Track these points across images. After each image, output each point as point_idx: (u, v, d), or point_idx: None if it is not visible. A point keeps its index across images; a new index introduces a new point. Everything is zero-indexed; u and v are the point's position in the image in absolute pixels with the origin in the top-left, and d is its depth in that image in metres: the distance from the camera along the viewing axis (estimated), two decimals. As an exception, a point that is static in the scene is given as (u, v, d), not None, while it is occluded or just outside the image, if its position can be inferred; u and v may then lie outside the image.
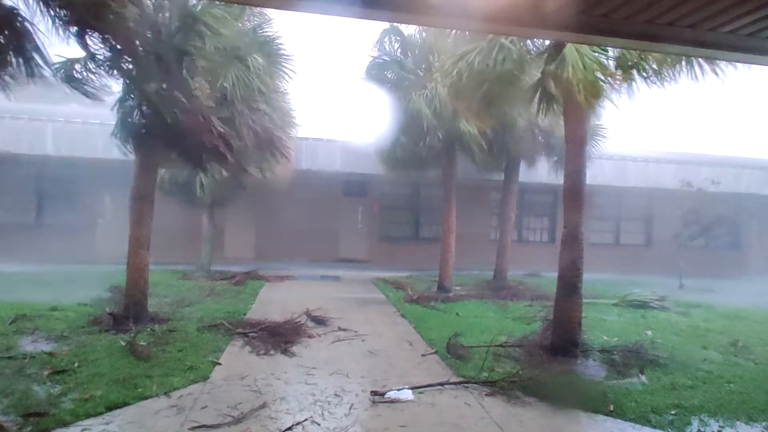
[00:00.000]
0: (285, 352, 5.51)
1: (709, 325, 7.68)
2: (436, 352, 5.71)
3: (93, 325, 6.12)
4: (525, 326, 6.97)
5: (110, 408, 3.80)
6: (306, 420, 3.77)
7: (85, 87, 6.04)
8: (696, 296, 10.87)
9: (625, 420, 4.04)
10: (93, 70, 5.91)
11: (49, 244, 13.38)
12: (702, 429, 3.96)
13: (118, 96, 6.42)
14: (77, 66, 5.96)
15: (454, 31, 7.00)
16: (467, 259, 13.18)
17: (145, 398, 4.04)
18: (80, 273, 10.78)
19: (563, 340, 5.59)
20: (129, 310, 6.36)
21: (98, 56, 5.73)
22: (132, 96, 6.21)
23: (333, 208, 15.53)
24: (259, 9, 7.82)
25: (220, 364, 5.00)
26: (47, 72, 4.96)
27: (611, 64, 5.01)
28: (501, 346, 5.72)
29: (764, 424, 4.09)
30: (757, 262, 18.24)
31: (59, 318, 6.44)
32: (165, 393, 4.16)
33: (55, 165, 13.62)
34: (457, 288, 10.62)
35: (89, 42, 5.47)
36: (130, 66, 5.98)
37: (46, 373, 4.42)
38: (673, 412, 4.18)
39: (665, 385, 4.82)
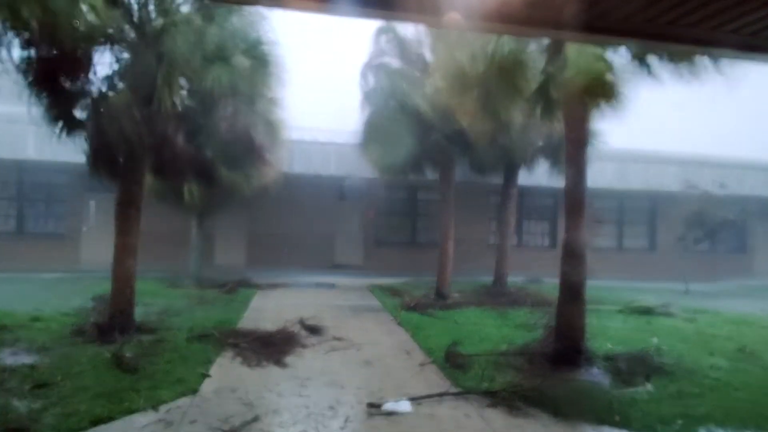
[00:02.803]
0: (278, 362, 5.40)
1: (716, 331, 7.59)
2: (434, 362, 5.62)
3: (77, 336, 5.98)
4: (526, 334, 6.85)
5: (95, 423, 3.73)
6: (299, 434, 3.67)
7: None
8: (702, 301, 10.80)
9: (631, 431, 3.96)
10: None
11: (31, 251, 13.15)
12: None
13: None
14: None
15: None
16: (466, 265, 13.07)
17: (132, 412, 3.96)
18: (63, 282, 10.64)
19: (566, 348, 5.49)
20: (114, 320, 6.20)
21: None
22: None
23: (327, 213, 15.36)
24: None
25: (209, 376, 4.89)
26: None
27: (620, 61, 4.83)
28: (502, 354, 5.64)
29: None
30: (763, 266, 18.10)
31: (41, 329, 6.30)
32: (152, 407, 4.08)
33: (37, 169, 13.27)
34: (456, 294, 10.49)
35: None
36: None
37: (27, 386, 4.32)
38: (680, 422, 4.12)
39: (672, 394, 4.76)
